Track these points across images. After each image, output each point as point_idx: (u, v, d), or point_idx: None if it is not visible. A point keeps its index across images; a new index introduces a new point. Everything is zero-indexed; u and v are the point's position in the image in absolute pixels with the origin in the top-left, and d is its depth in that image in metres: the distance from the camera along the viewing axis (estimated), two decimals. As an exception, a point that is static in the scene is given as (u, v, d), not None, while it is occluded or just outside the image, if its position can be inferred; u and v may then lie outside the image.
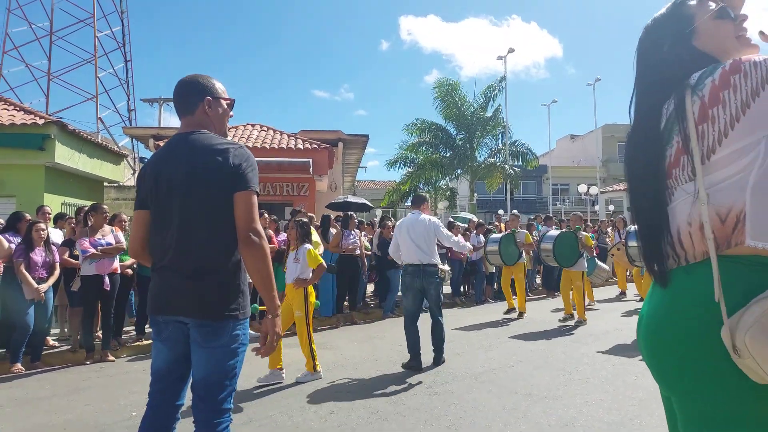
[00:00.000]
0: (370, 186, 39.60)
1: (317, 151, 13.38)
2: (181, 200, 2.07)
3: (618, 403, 4.14)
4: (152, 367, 2.20)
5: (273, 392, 4.61)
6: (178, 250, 2.08)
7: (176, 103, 2.28)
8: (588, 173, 35.92)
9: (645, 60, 1.42)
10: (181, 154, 2.12)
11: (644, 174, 1.38)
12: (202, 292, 2.05)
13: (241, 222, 2.05)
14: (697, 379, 1.21)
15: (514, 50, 25.26)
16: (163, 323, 2.14)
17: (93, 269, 5.86)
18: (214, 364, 2.06)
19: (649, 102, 1.38)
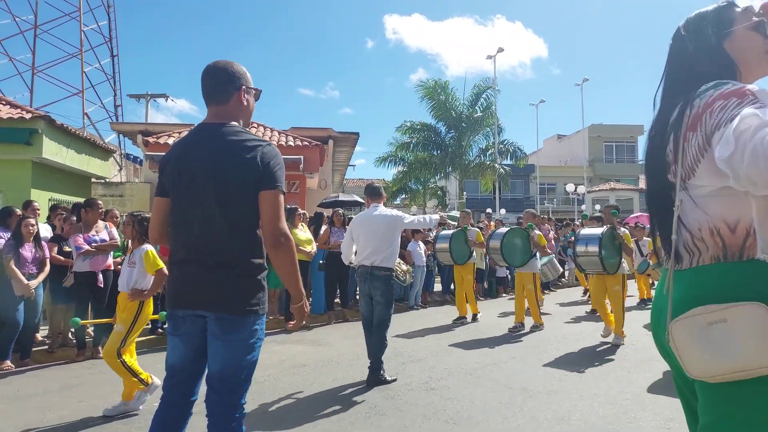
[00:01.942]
0: (358, 184, 39.54)
1: (308, 148, 13.34)
2: (206, 194, 2.04)
3: (612, 397, 4.21)
4: (167, 362, 2.18)
5: (269, 388, 4.60)
6: (201, 244, 2.05)
7: (209, 90, 2.17)
8: (575, 173, 36.27)
9: (677, 50, 1.48)
10: (210, 148, 2.06)
11: (654, 171, 1.44)
12: (224, 285, 2.03)
13: (267, 222, 2.03)
14: None
15: (503, 50, 25.44)
16: (182, 318, 2.11)
17: (87, 266, 5.80)
18: (231, 357, 2.04)
19: (669, 97, 1.42)
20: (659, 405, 3.99)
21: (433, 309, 9.38)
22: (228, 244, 2.04)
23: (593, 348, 6.07)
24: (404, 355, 5.83)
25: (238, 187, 2.02)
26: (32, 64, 25.26)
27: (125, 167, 22.51)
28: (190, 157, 2.09)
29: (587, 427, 3.61)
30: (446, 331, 7.39)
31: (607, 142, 40.62)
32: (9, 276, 5.43)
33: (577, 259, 6.47)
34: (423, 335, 7.03)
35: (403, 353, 5.91)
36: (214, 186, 2.03)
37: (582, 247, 6.38)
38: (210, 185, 2.03)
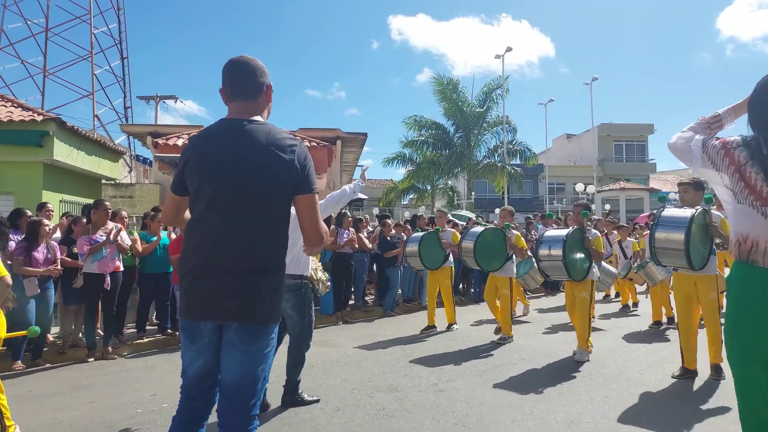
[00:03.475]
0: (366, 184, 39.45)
1: (316, 149, 13.36)
2: (239, 196, 1.93)
3: (623, 399, 4.17)
4: (186, 374, 2.08)
5: (277, 389, 4.60)
6: (230, 249, 1.94)
7: (239, 83, 2.06)
8: (584, 172, 36.04)
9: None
10: (242, 144, 1.95)
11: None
12: (254, 294, 1.95)
13: (310, 226, 2.01)
14: None
15: (512, 49, 25.39)
16: (203, 329, 1.99)
17: (95, 267, 5.84)
18: (249, 368, 1.98)
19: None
20: (670, 407, 3.94)
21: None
22: (260, 251, 1.96)
23: (604, 350, 6.01)
24: (412, 356, 5.81)
25: (275, 188, 1.95)
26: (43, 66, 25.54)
27: (135, 169, 22.68)
28: (220, 156, 1.95)
29: (598, 430, 3.57)
30: (454, 332, 7.36)
31: (616, 141, 40.31)
32: (21, 277, 5.48)
33: (540, 264, 5.75)
34: (431, 336, 7.00)
35: (412, 354, 5.89)
36: (251, 187, 1.93)
37: (545, 250, 5.67)
38: (245, 185, 1.93)
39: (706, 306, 4.74)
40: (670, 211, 4.51)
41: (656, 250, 4.44)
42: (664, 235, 4.40)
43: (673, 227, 4.37)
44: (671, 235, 4.34)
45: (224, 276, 1.93)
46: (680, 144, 2.29)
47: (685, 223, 4.27)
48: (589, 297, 5.57)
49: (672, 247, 4.33)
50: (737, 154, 2.05)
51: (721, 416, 3.72)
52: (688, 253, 4.21)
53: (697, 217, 4.31)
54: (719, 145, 2.12)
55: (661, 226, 4.44)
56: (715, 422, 3.64)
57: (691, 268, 4.35)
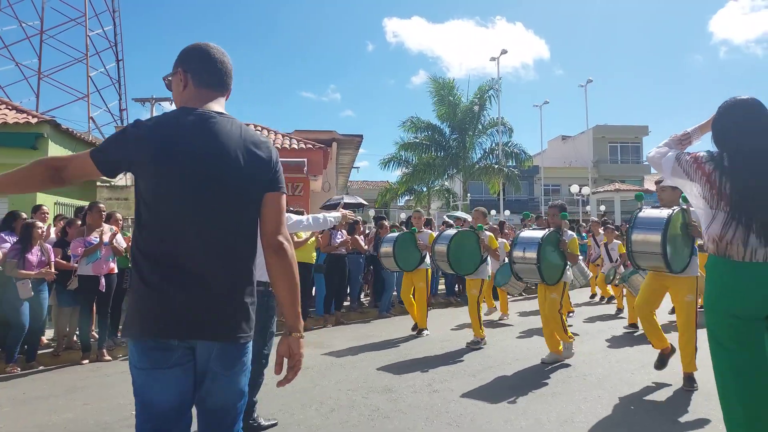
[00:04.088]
0: (362, 186, 39.65)
1: (312, 151, 13.39)
2: (214, 193, 1.71)
3: (616, 399, 4.19)
4: (153, 409, 1.70)
5: (272, 390, 4.61)
6: (206, 252, 1.70)
7: (216, 74, 1.86)
8: (579, 174, 36.17)
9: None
10: (216, 139, 1.73)
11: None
12: (236, 309, 1.75)
13: (272, 227, 1.80)
14: None
15: (506, 51, 25.48)
16: (173, 349, 1.69)
17: (89, 269, 5.84)
18: (234, 390, 1.79)
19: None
20: (664, 405, 3.97)
21: (437, 311, 9.35)
22: (239, 256, 1.77)
23: (598, 350, 6.05)
24: (407, 357, 5.83)
25: (251, 187, 1.78)
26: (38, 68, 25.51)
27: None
28: (192, 150, 1.70)
29: (591, 429, 3.60)
30: (449, 333, 7.38)
31: (611, 142, 40.53)
32: (14, 279, 5.48)
33: (514, 266, 5.51)
34: (426, 338, 7.02)
35: (407, 355, 5.91)
36: (227, 186, 1.73)
37: (519, 251, 5.43)
38: (222, 185, 1.72)
39: (682, 309, 4.41)
40: (646, 212, 4.32)
41: (633, 254, 4.23)
42: (641, 237, 4.18)
43: (649, 229, 4.14)
44: (648, 237, 4.12)
45: (201, 286, 1.68)
46: (657, 158, 2.71)
47: (661, 225, 4.06)
48: (559, 297, 5.41)
49: (649, 249, 4.12)
50: (707, 167, 2.43)
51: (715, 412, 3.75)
52: (665, 255, 4.00)
53: (674, 217, 4.11)
54: (691, 159, 2.50)
55: (637, 227, 4.24)
56: (706, 421, 3.67)
57: (669, 271, 4.15)
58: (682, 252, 4.26)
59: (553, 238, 5.45)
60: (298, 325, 1.81)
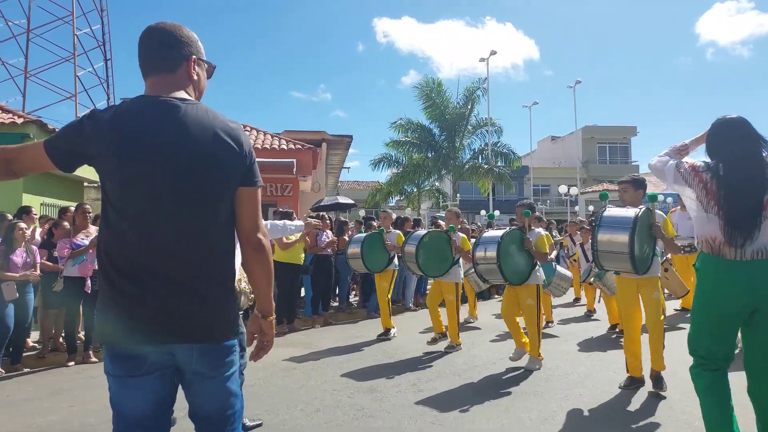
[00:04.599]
0: (353, 186, 39.64)
1: (301, 151, 13.39)
2: (183, 187, 1.61)
3: (597, 397, 4.26)
4: (126, 417, 1.64)
5: (258, 391, 4.63)
6: (179, 250, 1.61)
7: (149, 54, 1.72)
8: (568, 174, 36.47)
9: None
10: (182, 128, 1.62)
11: (757, 197, 2.61)
12: (216, 309, 1.68)
13: (248, 222, 1.74)
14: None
15: (496, 52, 25.64)
16: (146, 355, 1.61)
17: (76, 271, 5.82)
18: (225, 393, 1.72)
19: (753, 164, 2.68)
20: (644, 404, 4.04)
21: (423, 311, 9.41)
22: (214, 253, 1.68)
23: (581, 349, 6.12)
24: (394, 357, 5.87)
25: (223, 180, 1.67)
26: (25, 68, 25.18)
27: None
28: (157, 141, 1.59)
29: (571, 427, 3.67)
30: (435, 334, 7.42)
31: (600, 143, 40.88)
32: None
33: (477, 267, 5.33)
34: (414, 337, 7.06)
35: (394, 356, 5.95)
36: (198, 179, 1.63)
37: (481, 252, 5.22)
38: (193, 178, 1.62)
39: (650, 306, 4.35)
40: (612, 211, 4.17)
41: (599, 254, 4.07)
42: (607, 237, 4.01)
43: (616, 228, 3.98)
44: (615, 237, 3.96)
45: (176, 286, 1.60)
46: (659, 166, 3.04)
47: (629, 224, 3.92)
48: (535, 303, 5.21)
49: (616, 250, 3.96)
50: (704, 175, 2.77)
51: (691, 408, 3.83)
52: (632, 256, 3.87)
53: (641, 217, 4.01)
54: (690, 168, 2.85)
55: (603, 227, 4.06)
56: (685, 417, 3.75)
57: (635, 273, 4.04)
58: (647, 253, 4.19)
59: (516, 236, 5.28)
60: (270, 310, 1.83)
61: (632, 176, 4.54)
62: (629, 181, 4.49)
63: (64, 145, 1.64)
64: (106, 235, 1.64)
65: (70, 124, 1.68)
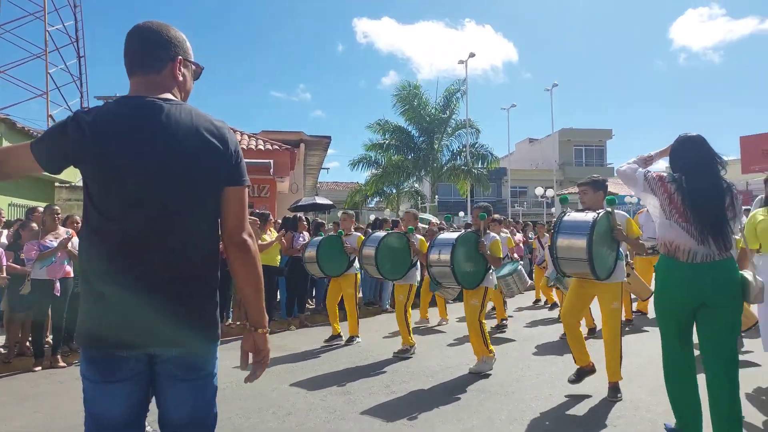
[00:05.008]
0: (332, 187, 39.51)
1: (278, 152, 13.31)
2: (166, 188, 1.60)
3: (566, 397, 4.33)
4: (100, 423, 1.64)
5: (229, 394, 4.60)
6: (160, 253, 1.60)
7: (134, 54, 1.71)
8: (545, 176, 36.97)
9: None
10: (165, 128, 1.61)
11: (711, 208, 3.01)
12: (197, 313, 1.67)
13: (234, 222, 1.71)
14: (738, 301, 3.00)
15: (474, 55, 25.86)
16: (123, 359, 1.60)
17: (44, 273, 5.69)
18: (200, 399, 1.69)
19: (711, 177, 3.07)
20: (612, 404, 4.12)
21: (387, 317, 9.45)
22: (197, 256, 1.66)
23: (552, 350, 6.22)
24: (368, 359, 5.89)
25: (208, 180, 1.66)
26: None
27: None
28: (140, 142, 1.59)
29: (540, 427, 3.73)
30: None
31: (576, 146, 41.52)
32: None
33: (431, 270, 5.19)
34: (389, 338, 7.08)
35: (368, 358, 5.96)
36: (181, 180, 1.62)
37: (435, 254, 5.10)
38: (176, 179, 1.61)
39: (608, 317, 4.23)
40: (571, 215, 4.08)
41: (559, 260, 3.98)
42: (566, 243, 3.91)
43: (575, 233, 3.87)
44: (573, 242, 3.85)
45: (157, 289, 1.59)
46: (630, 172, 3.32)
47: (587, 229, 3.81)
48: (479, 304, 5.12)
49: (575, 255, 3.86)
50: (669, 186, 3.10)
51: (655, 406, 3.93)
52: (591, 261, 3.77)
53: (599, 221, 3.91)
54: (657, 177, 3.18)
55: (562, 232, 3.97)
56: (648, 416, 3.84)
57: (595, 278, 3.93)
58: (608, 257, 4.08)
59: (471, 239, 5.16)
60: (263, 321, 1.77)
61: (591, 178, 4.48)
62: (588, 182, 4.44)
63: (49, 148, 1.63)
64: (88, 237, 1.64)
65: (55, 126, 1.68)
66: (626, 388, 4.37)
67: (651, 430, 3.57)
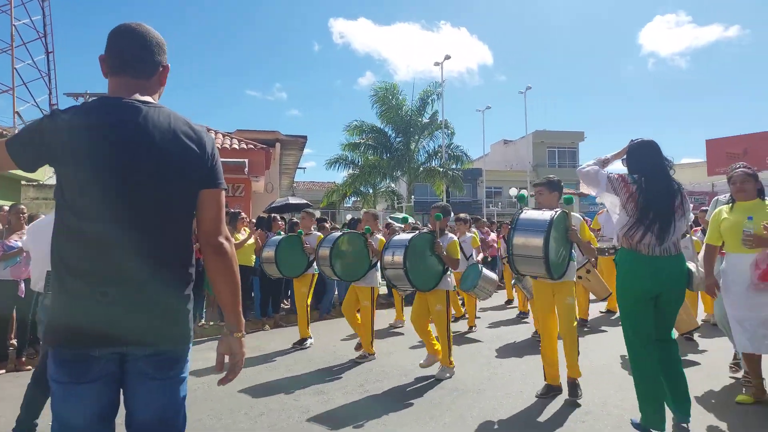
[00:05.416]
0: (309, 187, 39.29)
1: (253, 151, 13.18)
2: (142, 189, 1.61)
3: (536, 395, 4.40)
4: (69, 425, 1.62)
5: (201, 395, 4.55)
6: (134, 253, 1.61)
7: (132, 56, 1.70)
8: (519, 177, 37.46)
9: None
10: (143, 129, 1.62)
11: (667, 207, 3.34)
12: (170, 313, 1.67)
13: (211, 225, 1.73)
14: (685, 290, 3.47)
15: (450, 57, 26.11)
16: (94, 359, 1.59)
17: (8, 274, 5.53)
18: (170, 399, 1.69)
19: (665, 179, 3.41)
20: (582, 400, 4.20)
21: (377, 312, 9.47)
22: (172, 257, 1.68)
23: (523, 348, 6.31)
24: (345, 359, 5.88)
25: (185, 183, 1.68)
26: (-43, 58, 23.69)
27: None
28: (118, 143, 1.59)
29: (511, 423, 3.79)
30: (387, 333, 7.49)
31: (550, 147, 42.20)
32: None
33: (386, 272, 5.04)
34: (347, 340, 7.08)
35: (344, 357, 5.96)
36: (158, 181, 1.63)
37: (389, 256, 4.95)
38: (152, 180, 1.62)
39: (563, 312, 4.24)
40: (528, 214, 4.02)
41: (515, 258, 3.92)
42: (522, 241, 3.85)
43: (531, 232, 3.82)
44: (530, 241, 3.80)
45: (130, 289, 1.59)
46: (593, 173, 3.53)
47: (543, 227, 3.76)
48: (444, 309, 4.99)
49: (531, 254, 3.80)
50: (631, 186, 3.36)
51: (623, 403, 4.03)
52: (547, 260, 3.71)
53: (556, 219, 3.87)
54: (619, 178, 3.42)
55: (519, 230, 3.90)
56: (616, 413, 3.94)
57: (549, 277, 3.90)
58: (563, 257, 4.07)
59: (427, 240, 5.02)
60: (240, 325, 1.77)
61: (547, 178, 4.49)
62: (544, 183, 4.45)
63: (24, 146, 1.62)
64: (61, 236, 1.63)
65: (31, 124, 1.67)
66: (594, 385, 4.48)
67: (617, 425, 3.66)
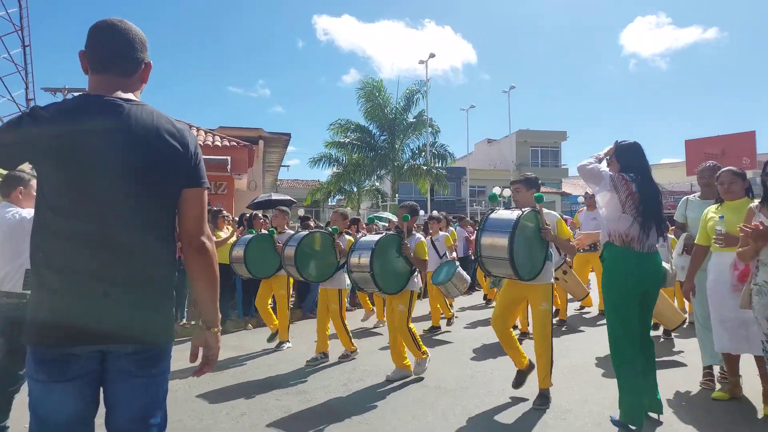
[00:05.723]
0: (293, 185, 39.11)
1: (236, 149, 13.07)
2: (124, 187, 1.60)
3: (518, 392, 4.40)
4: (48, 425, 1.61)
5: (182, 395, 4.50)
6: (116, 251, 1.60)
7: (114, 53, 1.68)
8: (503, 176, 37.70)
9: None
10: (125, 127, 1.61)
11: (658, 207, 3.51)
12: (152, 311, 1.67)
13: (193, 225, 1.72)
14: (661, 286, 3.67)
15: (434, 55, 26.19)
16: (74, 357, 1.58)
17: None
18: (151, 397, 1.68)
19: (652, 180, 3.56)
20: (559, 398, 4.25)
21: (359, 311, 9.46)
22: (153, 255, 1.68)
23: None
24: (328, 357, 5.86)
25: (167, 181, 1.67)
26: (-71, 51, 23.06)
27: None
28: (99, 140, 1.58)
29: (492, 421, 3.82)
30: (369, 333, 7.49)
31: (533, 146, 42.58)
32: None
33: (351, 275, 4.91)
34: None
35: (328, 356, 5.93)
36: (140, 179, 1.62)
37: (355, 258, 4.81)
38: (134, 178, 1.61)
39: (537, 318, 4.03)
40: (498, 213, 3.91)
41: (483, 259, 3.81)
42: (489, 241, 3.73)
43: (498, 231, 3.70)
44: (496, 241, 3.67)
45: (113, 288, 1.59)
46: (595, 170, 3.54)
47: (509, 227, 3.64)
48: (406, 309, 4.87)
49: (497, 255, 3.67)
50: (631, 185, 3.43)
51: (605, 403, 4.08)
52: (513, 261, 3.58)
53: (524, 219, 3.75)
54: (620, 177, 3.47)
55: (486, 231, 3.78)
56: (596, 410, 3.99)
57: (518, 278, 3.76)
58: (535, 258, 3.91)
59: (393, 241, 4.91)
60: (216, 320, 1.78)
61: (524, 175, 4.41)
62: (521, 180, 4.36)
63: (4, 145, 1.61)
64: (42, 235, 1.62)
65: (10, 122, 1.64)
66: (574, 382, 4.54)
67: (597, 423, 3.71)
